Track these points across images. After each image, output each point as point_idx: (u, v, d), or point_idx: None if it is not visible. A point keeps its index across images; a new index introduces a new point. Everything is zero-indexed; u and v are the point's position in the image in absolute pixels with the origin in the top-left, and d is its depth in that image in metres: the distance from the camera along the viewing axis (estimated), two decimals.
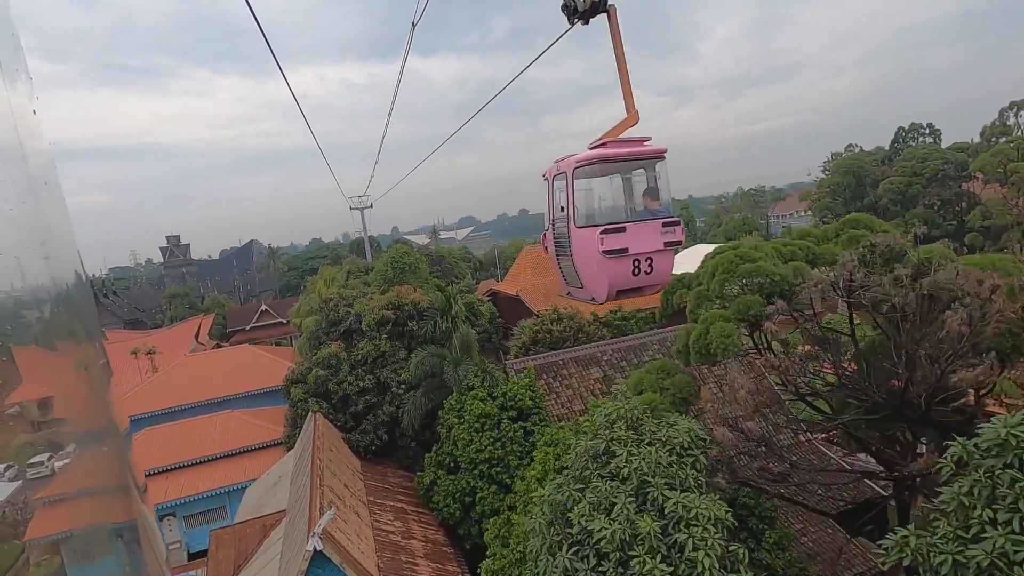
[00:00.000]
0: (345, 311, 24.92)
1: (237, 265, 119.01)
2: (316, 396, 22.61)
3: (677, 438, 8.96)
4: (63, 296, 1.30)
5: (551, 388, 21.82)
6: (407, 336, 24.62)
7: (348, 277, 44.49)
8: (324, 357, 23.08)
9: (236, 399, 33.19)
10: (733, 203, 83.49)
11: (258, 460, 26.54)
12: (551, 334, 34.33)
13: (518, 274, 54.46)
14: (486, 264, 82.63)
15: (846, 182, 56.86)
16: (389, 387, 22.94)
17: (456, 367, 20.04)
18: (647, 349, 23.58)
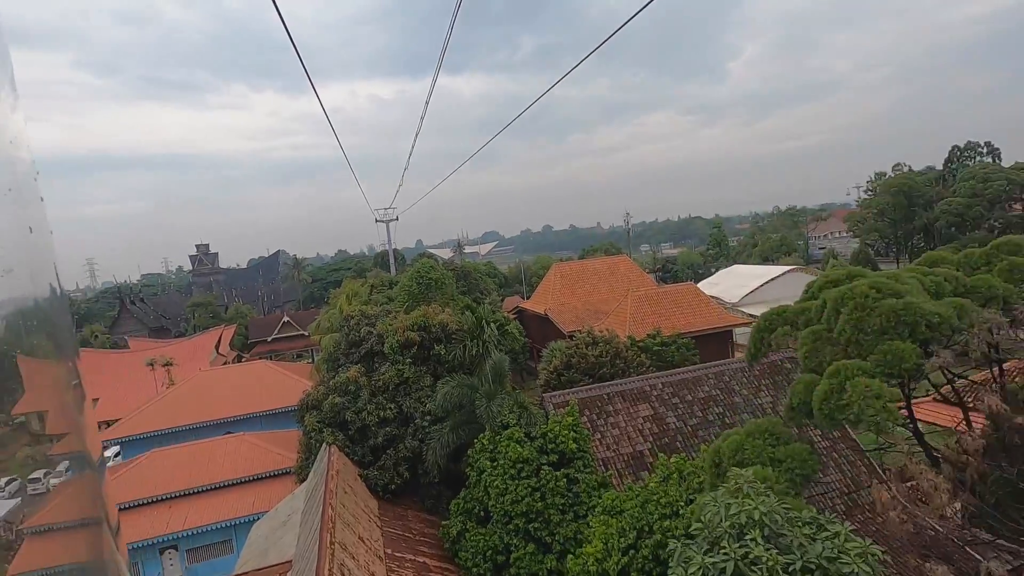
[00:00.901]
0: (367, 331, 22.56)
1: (263, 275, 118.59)
2: (332, 426, 20.18)
3: (849, 567, 6.00)
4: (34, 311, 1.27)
5: (594, 426, 19.07)
6: (433, 361, 22.13)
7: (371, 292, 42.38)
8: (342, 383, 20.68)
9: (249, 419, 31.02)
10: (769, 222, 79.78)
11: (268, 490, 24.18)
12: (585, 359, 31.58)
13: (547, 292, 51.86)
14: (511, 280, 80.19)
15: (896, 202, 53.25)
16: (412, 418, 20.42)
17: (489, 401, 17.42)
18: (702, 384, 20.71)
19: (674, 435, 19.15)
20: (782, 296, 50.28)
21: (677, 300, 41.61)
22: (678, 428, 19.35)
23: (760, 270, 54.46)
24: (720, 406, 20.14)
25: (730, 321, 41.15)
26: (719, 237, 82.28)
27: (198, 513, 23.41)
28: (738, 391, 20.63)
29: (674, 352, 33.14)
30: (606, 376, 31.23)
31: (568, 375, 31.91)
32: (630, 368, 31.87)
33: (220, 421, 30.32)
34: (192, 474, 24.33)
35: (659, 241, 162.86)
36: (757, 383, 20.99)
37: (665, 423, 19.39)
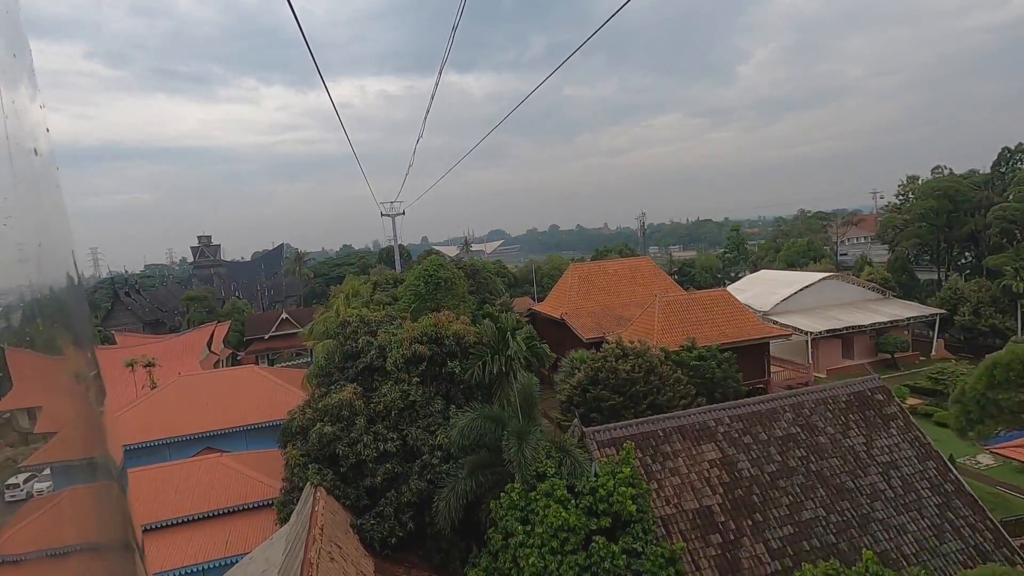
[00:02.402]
0: (366, 341, 18.46)
1: (265, 268, 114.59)
2: (319, 461, 16.08)
3: None
4: (49, 299, 1.21)
5: (649, 471, 14.93)
6: (445, 380, 18.04)
7: (374, 291, 38.28)
8: (333, 406, 16.58)
9: (231, 434, 26.97)
10: (793, 226, 75.36)
11: (247, 526, 20.12)
12: (615, 374, 27.46)
13: (563, 294, 47.71)
14: (520, 280, 75.98)
15: (940, 207, 48.93)
16: (419, 453, 16.32)
17: (520, 442, 13.27)
18: (778, 418, 16.54)
19: (749, 486, 15.01)
20: (817, 304, 46.01)
21: (708, 307, 37.45)
22: (753, 476, 15.21)
23: (790, 276, 50.20)
24: (802, 448, 15.99)
25: (767, 332, 36.97)
26: (737, 240, 77.93)
27: (165, 552, 19.34)
28: (822, 428, 16.48)
29: (714, 368, 29.05)
30: (639, 395, 27.14)
31: (595, 391, 27.80)
32: (666, 386, 27.73)
33: (198, 435, 26.30)
34: (157, 504, 20.27)
35: (668, 243, 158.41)
36: (844, 418, 16.84)
37: (736, 469, 15.24)
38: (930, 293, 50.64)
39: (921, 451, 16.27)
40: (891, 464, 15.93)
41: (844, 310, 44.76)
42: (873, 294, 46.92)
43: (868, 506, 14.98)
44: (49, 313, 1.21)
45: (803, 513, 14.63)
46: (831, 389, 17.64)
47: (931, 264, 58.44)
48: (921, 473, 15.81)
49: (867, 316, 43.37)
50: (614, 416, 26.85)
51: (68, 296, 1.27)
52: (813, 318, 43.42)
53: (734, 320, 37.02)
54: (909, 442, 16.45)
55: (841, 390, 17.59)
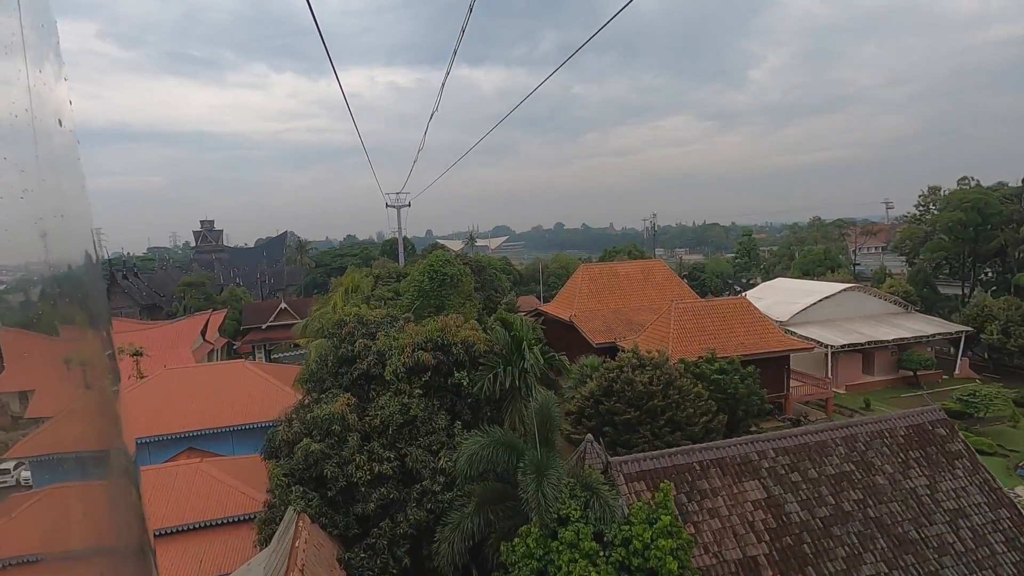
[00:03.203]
0: (363, 345, 16.32)
1: (267, 256, 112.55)
2: (305, 482, 13.98)
3: None
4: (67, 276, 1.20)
5: (684, 511, 12.79)
6: (451, 393, 15.93)
7: (376, 284, 36.16)
8: (323, 419, 14.46)
9: (217, 435, 24.90)
10: (808, 234, 72.93)
11: (222, 545, 18.02)
12: (632, 386, 25.31)
13: (571, 295, 45.52)
14: (526, 278, 73.79)
15: (969, 220, 46.62)
16: (419, 476, 14.21)
17: (539, 479, 11.12)
18: (829, 453, 14.38)
19: (799, 533, 12.87)
20: (836, 316, 43.76)
21: (727, 316, 35.25)
22: (803, 522, 13.07)
23: (809, 285, 47.94)
24: (858, 489, 13.83)
25: (788, 344, 34.77)
26: (749, 246, 75.58)
27: None
28: (879, 467, 14.32)
29: (736, 383, 26.91)
30: (656, 410, 24.99)
31: (608, 404, 25.64)
32: (685, 401, 25.56)
33: (180, 435, 24.22)
34: None
35: (674, 246, 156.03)
36: (903, 455, 14.68)
37: (784, 513, 13.10)
38: (953, 309, 48.38)
39: (992, 497, 14.12)
40: (959, 512, 13.78)
41: (865, 323, 42.56)
42: (895, 307, 44.69)
43: (936, 561, 12.85)
44: (68, 290, 1.20)
45: (862, 568, 12.50)
46: (887, 420, 15.48)
47: (949, 278, 56.16)
48: (994, 524, 13.67)
49: (890, 331, 41.16)
50: (628, 431, 24.77)
51: (86, 273, 1.26)
52: (833, 331, 41.22)
53: (754, 330, 34.83)
54: (978, 486, 14.29)
55: (898, 422, 15.43)
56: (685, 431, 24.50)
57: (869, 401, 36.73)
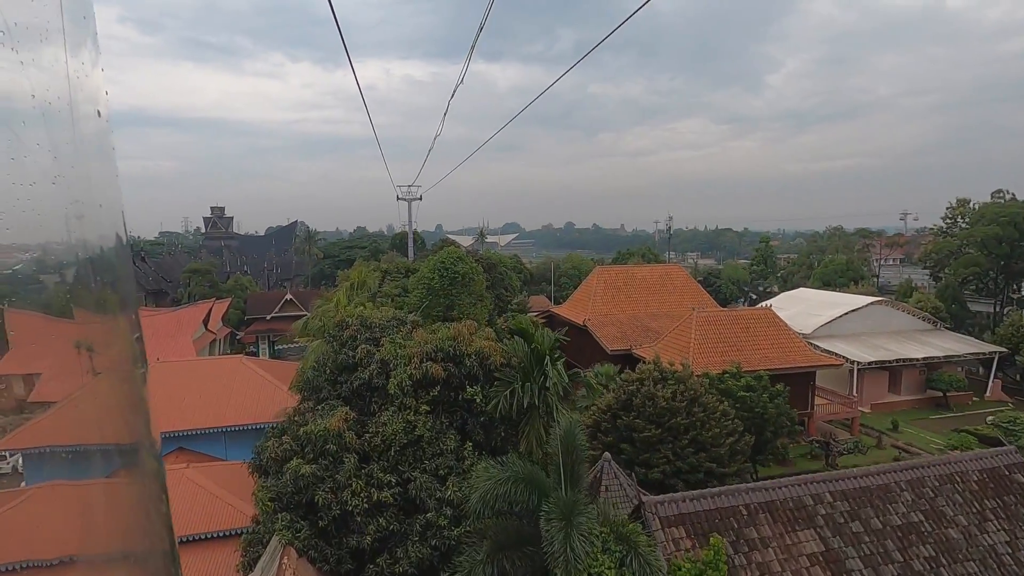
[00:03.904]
0: (365, 351, 14.51)
1: (275, 245, 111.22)
2: (292, 509, 12.21)
3: None
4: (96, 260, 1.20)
5: (730, 564, 10.91)
6: (461, 409, 14.10)
7: (383, 280, 34.39)
8: (316, 437, 12.68)
9: (208, 435, 23.26)
10: (829, 242, 70.45)
11: (203, 563, 16.33)
12: (653, 401, 23.42)
13: (585, 298, 43.62)
14: (536, 277, 71.85)
15: (1005, 234, 44.26)
16: (423, 506, 12.41)
17: (567, 525, 9.27)
18: (894, 499, 12.43)
19: None
20: (861, 331, 41.54)
21: (751, 328, 33.25)
22: None
23: (833, 297, 45.78)
24: (929, 544, 11.90)
25: (816, 360, 32.73)
26: (766, 253, 73.19)
27: None
28: (951, 517, 12.37)
29: (765, 401, 24.93)
30: (679, 428, 23.06)
31: (626, 418, 23.73)
32: (711, 420, 23.64)
33: (170, 435, 22.58)
34: None
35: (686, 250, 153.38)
36: (978, 504, 12.72)
37: (846, 570, 11.18)
38: (983, 327, 46.09)
39: None
40: None
41: (892, 340, 40.38)
42: (923, 324, 42.48)
43: None
44: (100, 272, 1.20)
45: None
46: (957, 463, 13.51)
47: (976, 294, 53.78)
48: None
49: (919, 348, 38.97)
50: (648, 449, 22.89)
51: (117, 256, 1.26)
52: (859, 346, 39.10)
53: (779, 344, 32.83)
54: None
55: (970, 464, 13.46)
56: (709, 452, 22.59)
57: (897, 423, 34.64)
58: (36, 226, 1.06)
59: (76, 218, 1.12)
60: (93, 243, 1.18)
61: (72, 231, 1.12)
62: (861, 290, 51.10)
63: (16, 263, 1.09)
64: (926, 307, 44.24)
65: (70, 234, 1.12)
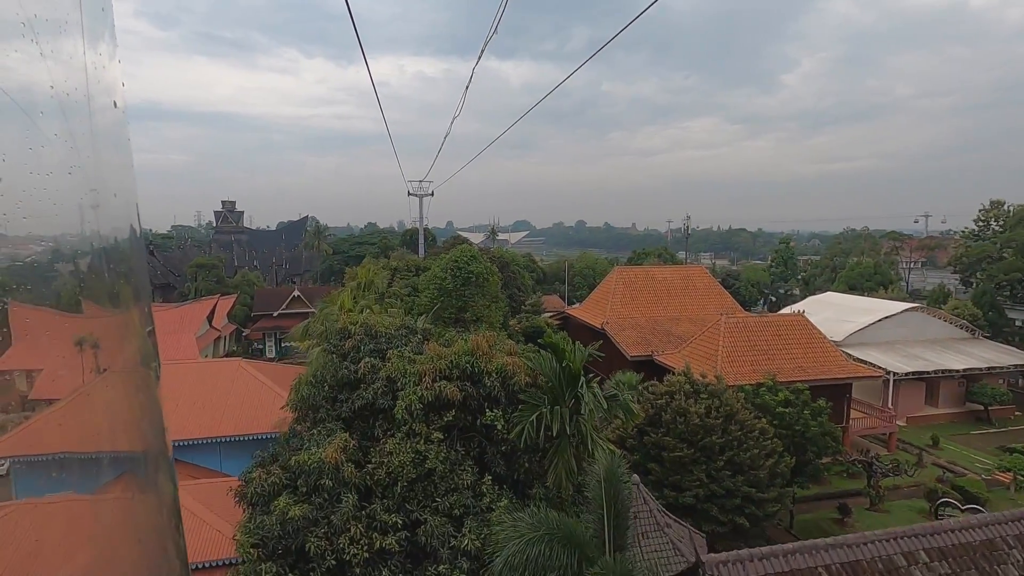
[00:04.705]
0: (369, 366, 12.50)
1: (285, 240, 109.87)
2: (278, 557, 10.22)
3: None
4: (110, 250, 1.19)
5: None
6: (480, 436, 12.06)
7: (392, 279, 32.45)
8: (310, 469, 10.68)
9: (202, 446, 21.41)
10: (854, 244, 67.49)
11: None
12: (685, 417, 21.27)
13: (603, 300, 41.41)
14: (549, 276, 69.68)
15: None
16: (435, 555, 10.38)
17: None
18: (1002, 557, 10.23)
19: None
20: (895, 339, 39.00)
21: (783, 335, 30.96)
22: None
23: (864, 302, 43.31)
24: None
25: (853, 371, 30.39)
26: (786, 254, 70.52)
27: None
28: None
29: (805, 418, 22.67)
30: (714, 447, 20.92)
31: (655, 435, 21.60)
32: (748, 438, 21.45)
33: None
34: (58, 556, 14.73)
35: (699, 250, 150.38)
36: None
37: None
38: (1021, 336, 43.39)
39: None
40: None
41: (929, 348, 37.88)
42: (961, 332, 39.91)
43: None
44: (114, 261, 1.20)
45: None
46: None
47: (1009, 301, 50.98)
48: None
49: (958, 359, 36.44)
50: (679, 470, 20.77)
51: (131, 246, 1.24)
52: (894, 355, 36.63)
53: (813, 352, 30.51)
54: None
55: None
56: (747, 475, 20.42)
57: (937, 438, 32.22)
58: (52, 216, 1.06)
59: (91, 207, 1.12)
60: (107, 234, 1.18)
61: (87, 221, 1.12)
62: (891, 295, 48.48)
63: (30, 254, 1.07)
64: (963, 314, 41.63)
65: (84, 225, 1.12)
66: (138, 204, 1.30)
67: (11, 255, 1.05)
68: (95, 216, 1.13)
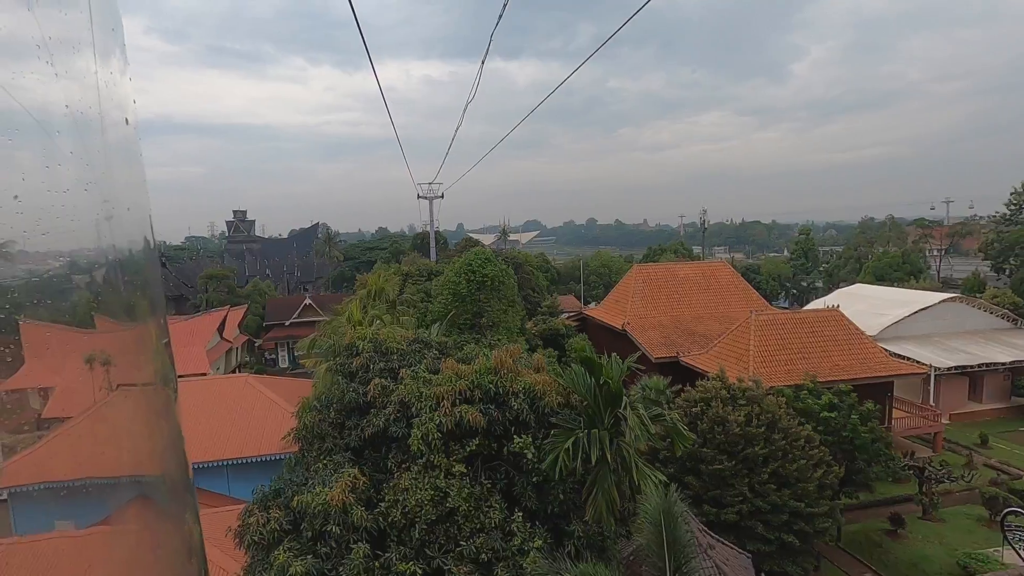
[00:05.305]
0: (380, 389, 11.02)
1: (297, 247, 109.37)
2: None
3: None
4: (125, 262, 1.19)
5: None
6: (508, 465, 10.53)
7: (404, 285, 31.06)
8: (314, 513, 9.22)
9: (209, 470, 20.11)
10: (879, 233, 64.95)
11: None
12: (724, 426, 19.59)
13: (623, 300, 39.68)
14: (564, 276, 68.04)
15: None
16: None
17: None
18: None
19: None
20: (932, 331, 36.88)
21: (817, 332, 29.08)
22: None
23: (898, 294, 41.21)
24: None
25: (895, 368, 28.44)
26: (807, 246, 68.18)
27: None
28: None
29: (855, 424, 20.84)
30: (757, 459, 19.19)
31: (691, 447, 20.03)
32: (794, 448, 19.72)
33: None
34: None
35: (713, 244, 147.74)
36: None
37: None
38: None
39: None
40: None
41: (970, 341, 35.73)
42: (1002, 323, 37.68)
43: None
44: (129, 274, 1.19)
45: None
46: None
47: None
48: None
49: (1003, 350, 34.27)
50: (718, 484, 19.10)
51: (145, 258, 1.24)
52: (932, 349, 34.55)
53: (851, 350, 28.61)
54: None
55: None
56: (794, 488, 18.69)
57: (986, 437, 30.13)
58: (69, 232, 1.06)
59: (106, 219, 1.12)
60: (122, 246, 1.18)
61: (102, 235, 1.12)
62: (922, 285, 46.20)
63: (47, 270, 1.08)
64: (1003, 303, 39.37)
65: (100, 239, 1.12)
66: (152, 217, 1.29)
67: (31, 271, 1.06)
68: (110, 230, 1.13)
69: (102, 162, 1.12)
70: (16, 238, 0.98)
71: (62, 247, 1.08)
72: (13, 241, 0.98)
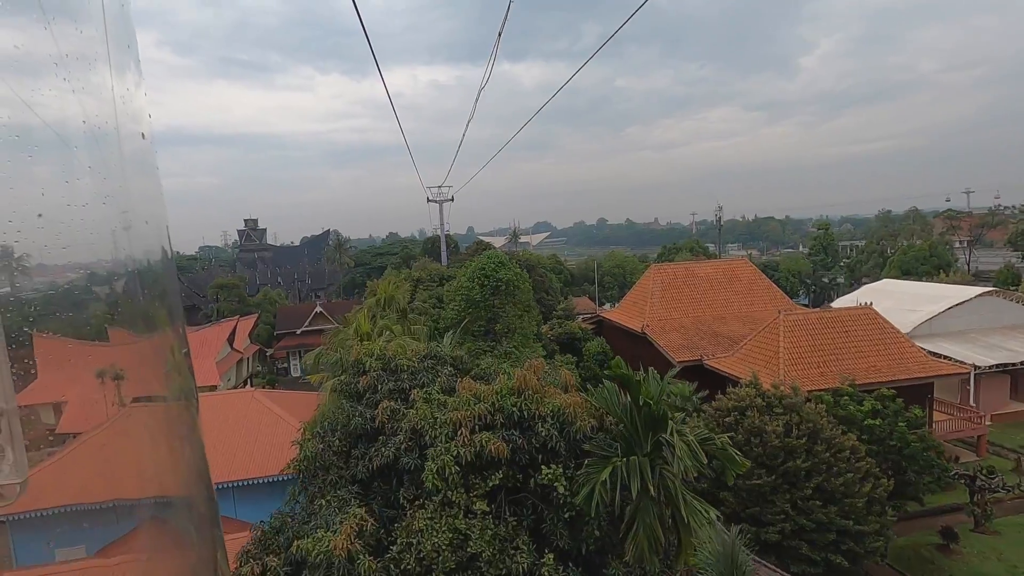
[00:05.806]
0: (388, 411, 9.76)
1: (308, 254, 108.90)
2: None
3: None
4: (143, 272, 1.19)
5: None
6: (536, 497, 9.21)
7: (415, 291, 29.86)
8: (318, 562, 7.98)
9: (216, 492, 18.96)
10: (903, 226, 62.64)
11: None
12: (761, 437, 18.10)
13: (640, 301, 38.18)
14: (578, 277, 66.52)
15: None
16: None
17: None
18: None
19: None
20: (968, 328, 34.99)
21: (850, 331, 27.39)
22: None
23: (929, 289, 39.32)
24: None
25: (936, 369, 26.68)
26: (826, 241, 66.05)
27: None
28: None
29: (902, 431, 19.24)
30: (798, 473, 17.68)
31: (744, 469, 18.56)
32: (839, 461, 18.14)
33: None
34: None
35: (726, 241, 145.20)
36: None
37: None
38: None
39: None
40: None
41: (1009, 336, 33.81)
42: None
43: None
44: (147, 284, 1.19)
45: None
46: None
47: None
48: None
49: None
50: (757, 500, 17.63)
51: (163, 268, 1.25)
52: (970, 346, 32.69)
53: (887, 350, 26.89)
54: None
55: None
56: (841, 504, 17.15)
57: None
58: (87, 245, 1.07)
59: (123, 229, 1.12)
60: (140, 257, 1.18)
61: (120, 247, 1.12)
62: (953, 279, 44.19)
63: (65, 282, 1.08)
64: None
65: (118, 251, 1.12)
66: (168, 227, 1.30)
67: (50, 283, 1.07)
68: (128, 241, 1.13)
69: (119, 175, 1.13)
70: (35, 252, 0.98)
71: (81, 259, 1.08)
72: (29, 255, 0.99)
